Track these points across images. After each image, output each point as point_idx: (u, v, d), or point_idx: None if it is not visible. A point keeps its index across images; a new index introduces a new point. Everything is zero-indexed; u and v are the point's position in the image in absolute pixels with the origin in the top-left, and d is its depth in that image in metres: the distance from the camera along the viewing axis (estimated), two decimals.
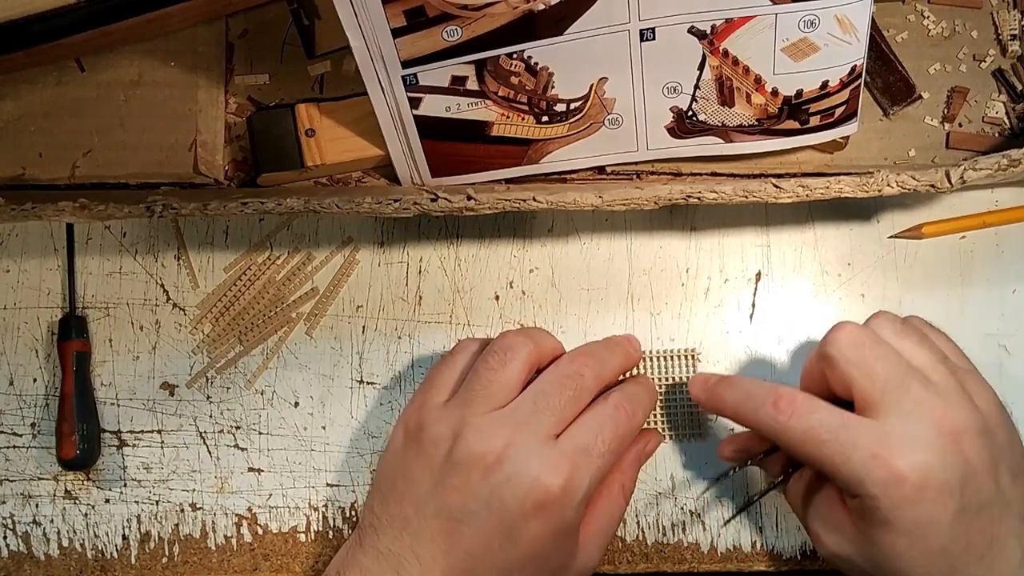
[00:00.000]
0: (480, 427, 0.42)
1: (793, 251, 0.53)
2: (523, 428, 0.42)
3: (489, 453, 0.41)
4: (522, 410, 0.43)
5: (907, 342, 0.43)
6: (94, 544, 0.52)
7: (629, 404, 0.45)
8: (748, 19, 0.45)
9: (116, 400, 0.53)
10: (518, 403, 0.43)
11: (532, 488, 0.41)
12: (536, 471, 0.41)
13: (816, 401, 0.41)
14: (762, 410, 0.42)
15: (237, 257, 0.54)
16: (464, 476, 0.41)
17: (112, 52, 0.54)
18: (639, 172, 0.54)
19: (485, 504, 0.41)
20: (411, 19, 0.44)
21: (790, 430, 0.41)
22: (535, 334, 0.46)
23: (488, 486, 0.41)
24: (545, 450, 0.42)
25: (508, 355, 0.44)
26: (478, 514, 0.41)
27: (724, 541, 0.51)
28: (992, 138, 0.54)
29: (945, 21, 0.54)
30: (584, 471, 0.42)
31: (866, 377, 0.41)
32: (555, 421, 0.43)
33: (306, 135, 0.52)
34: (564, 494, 0.41)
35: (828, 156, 0.53)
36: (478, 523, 0.41)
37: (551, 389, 0.43)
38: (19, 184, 0.53)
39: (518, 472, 0.41)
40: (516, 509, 0.41)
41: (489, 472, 0.41)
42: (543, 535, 0.41)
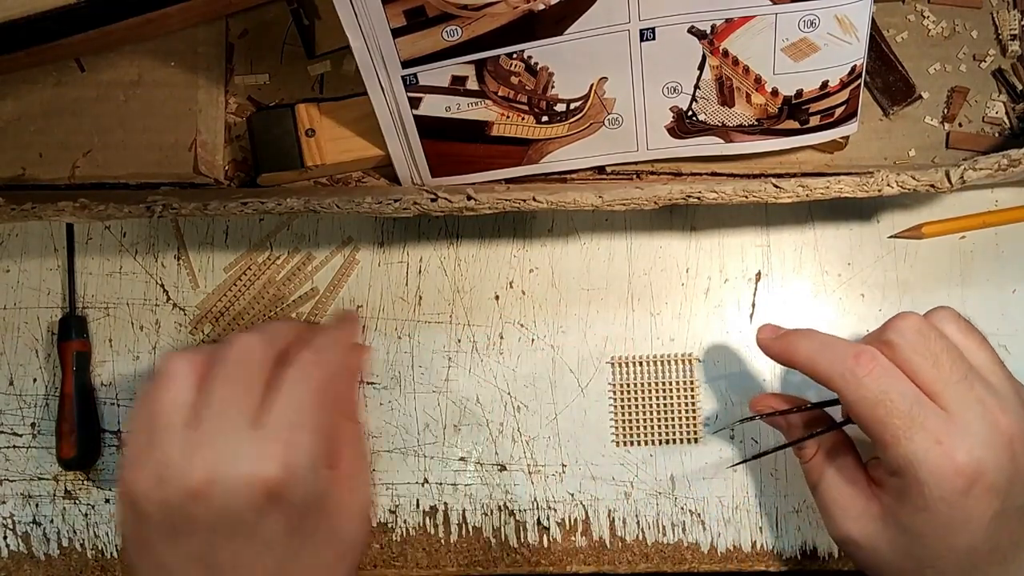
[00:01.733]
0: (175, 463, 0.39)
1: (793, 251, 0.53)
2: (216, 437, 0.39)
3: (196, 481, 0.38)
4: (205, 420, 0.39)
5: (970, 341, 0.43)
6: (94, 544, 0.52)
7: (313, 352, 0.42)
8: (748, 19, 0.45)
9: (116, 400, 0.53)
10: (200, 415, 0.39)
11: (252, 485, 0.38)
12: (248, 469, 0.38)
13: (897, 369, 0.41)
14: (840, 362, 0.41)
15: (237, 257, 0.54)
16: (187, 516, 0.38)
17: (112, 52, 0.54)
18: (639, 172, 0.54)
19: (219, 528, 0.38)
20: (411, 19, 0.44)
21: (864, 388, 0.40)
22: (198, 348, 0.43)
23: (214, 510, 0.38)
24: (248, 442, 0.39)
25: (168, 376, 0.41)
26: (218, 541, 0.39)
27: (724, 541, 0.51)
28: (992, 138, 0.54)
29: (945, 21, 0.54)
30: (299, 441, 0.39)
31: (932, 366, 0.41)
32: (243, 411, 0.39)
33: (306, 135, 0.52)
34: (289, 475, 0.38)
35: (828, 156, 0.53)
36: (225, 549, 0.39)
37: (217, 384, 0.40)
38: (19, 184, 0.53)
39: (232, 479, 0.38)
40: (251, 513, 0.38)
41: (207, 498, 0.38)
42: (293, 524, 0.39)
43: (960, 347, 0.42)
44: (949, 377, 0.40)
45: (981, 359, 0.42)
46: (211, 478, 0.38)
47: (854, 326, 0.53)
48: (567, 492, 0.52)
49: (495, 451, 0.52)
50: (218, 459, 0.38)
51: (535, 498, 0.52)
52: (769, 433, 0.52)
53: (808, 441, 0.46)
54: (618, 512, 0.52)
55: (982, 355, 0.43)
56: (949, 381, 0.40)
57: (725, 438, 0.52)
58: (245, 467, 0.38)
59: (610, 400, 0.52)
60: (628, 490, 0.52)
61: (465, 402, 0.53)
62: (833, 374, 0.41)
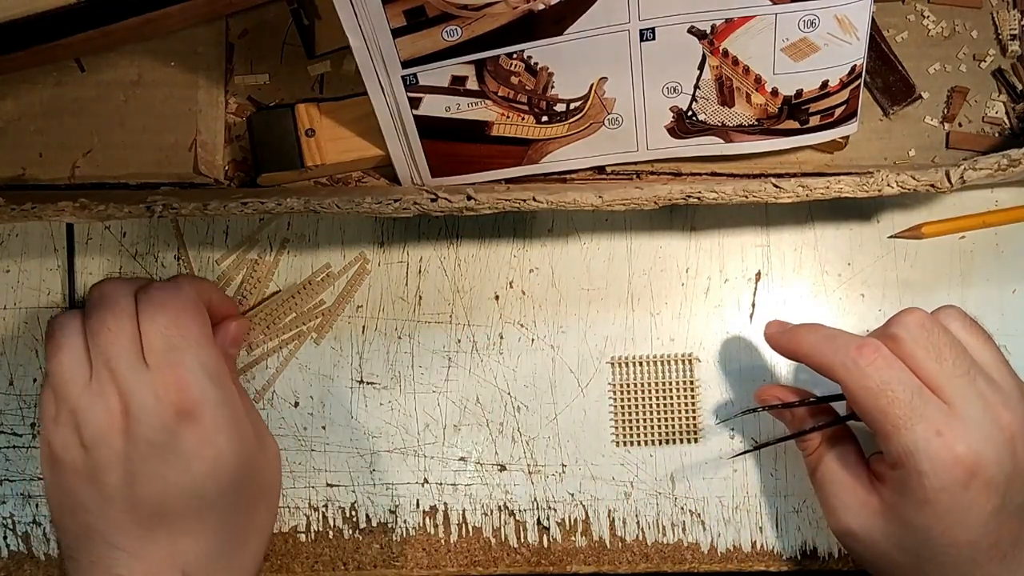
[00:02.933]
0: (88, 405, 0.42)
1: (793, 251, 0.54)
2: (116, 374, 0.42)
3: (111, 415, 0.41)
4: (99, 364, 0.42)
5: (974, 338, 0.43)
6: None
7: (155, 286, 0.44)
8: (748, 19, 0.45)
9: None
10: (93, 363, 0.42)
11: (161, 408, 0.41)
12: (153, 395, 0.41)
13: (899, 360, 0.41)
14: (843, 352, 0.42)
15: (237, 257, 0.54)
16: (108, 450, 0.41)
17: (112, 52, 0.54)
18: (639, 172, 0.54)
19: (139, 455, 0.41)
20: (411, 19, 0.44)
21: (867, 378, 0.41)
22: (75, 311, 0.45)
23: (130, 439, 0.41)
24: (144, 375, 0.42)
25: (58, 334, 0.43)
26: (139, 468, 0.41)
27: (724, 541, 0.51)
28: (992, 138, 0.54)
29: (945, 21, 0.54)
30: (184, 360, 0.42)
31: (935, 360, 0.41)
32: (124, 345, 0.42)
33: (306, 135, 0.52)
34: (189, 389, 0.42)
35: (828, 156, 0.54)
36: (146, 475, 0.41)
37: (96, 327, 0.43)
38: (19, 184, 0.53)
39: (142, 407, 0.41)
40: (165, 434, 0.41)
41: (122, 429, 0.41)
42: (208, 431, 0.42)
43: (964, 344, 0.42)
44: (952, 372, 0.41)
45: (985, 356, 0.43)
46: (122, 409, 0.41)
47: (854, 326, 0.53)
48: (567, 492, 0.52)
49: (495, 451, 0.52)
50: (123, 394, 0.41)
51: (535, 498, 0.52)
52: (770, 431, 0.52)
53: (811, 434, 0.46)
54: (618, 512, 0.52)
55: (986, 352, 0.43)
56: (952, 375, 0.41)
57: (725, 438, 0.52)
58: (149, 396, 0.41)
59: (610, 400, 0.52)
60: (628, 490, 0.52)
61: (465, 402, 0.53)
62: (836, 364, 0.42)
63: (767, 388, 0.48)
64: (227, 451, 0.42)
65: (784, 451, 0.51)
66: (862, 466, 0.44)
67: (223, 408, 0.43)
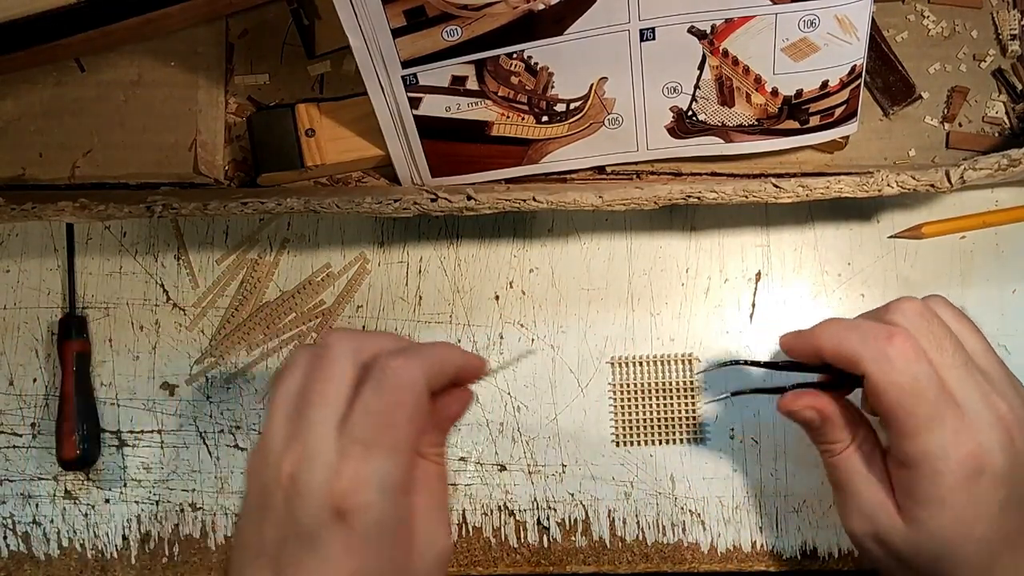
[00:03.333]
0: (274, 449, 0.39)
1: (793, 251, 0.53)
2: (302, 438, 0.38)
3: (283, 475, 0.38)
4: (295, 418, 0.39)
5: (963, 327, 0.42)
6: (94, 544, 0.52)
7: (396, 358, 0.38)
8: (748, 19, 0.45)
9: (116, 400, 0.53)
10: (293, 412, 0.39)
11: (322, 500, 0.37)
12: (321, 479, 0.37)
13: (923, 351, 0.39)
14: (872, 342, 0.39)
15: (237, 257, 0.54)
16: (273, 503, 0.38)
17: (112, 52, 0.54)
18: (639, 172, 0.54)
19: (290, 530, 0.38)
20: (411, 19, 0.44)
21: (898, 372, 0.38)
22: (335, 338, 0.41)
23: (287, 508, 0.38)
24: (327, 454, 0.38)
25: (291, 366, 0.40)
26: (287, 541, 0.38)
27: (724, 541, 0.51)
28: (992, 138, 0.54)
29: (945, 21, 0.54)
30: (369, 462, 0.37)
31: (937, 350, 0.39)
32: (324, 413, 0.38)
33: (306, 135, 0.52)
34: (355, 494, 0.37)
35: (828, 156, 0.53)
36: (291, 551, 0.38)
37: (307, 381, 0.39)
38: (19, 184, 0.53)
39: (308, 489, 0.37)
40: (316, 528, 0.37)
41: (288, 494, 0.38)
42: (353, 543, 0.37)
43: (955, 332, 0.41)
44: (952, 363, 0.39)
45: (975, 345, 0.42)
46: (294, 475, 0.38)
47: None
48: (567, 492, 0.52)
49: (495, 451, 0.52)
50: (303, 458, 0.38)
51: (535, 498, 0.52)
52: (769, 431, 0.52)
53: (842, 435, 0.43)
54: (618, 512, 0.52)
55: (975, 341, 0.42)
56: (952, 367, 0.39)
57: (725, 438, 0.52)
58: (320, 476, 0.37)
59: (610, 400, 0.52)
60: (628, 490, 0.52)
61: None
62: (864, 355, 0.39)
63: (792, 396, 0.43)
64: (374, 559, 0.37)
65: (784, 451, 0.51)
66: (884, 466, 0.42)
67: (383, 526, 0.38)
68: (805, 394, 0.43)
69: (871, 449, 0.43)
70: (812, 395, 0.43)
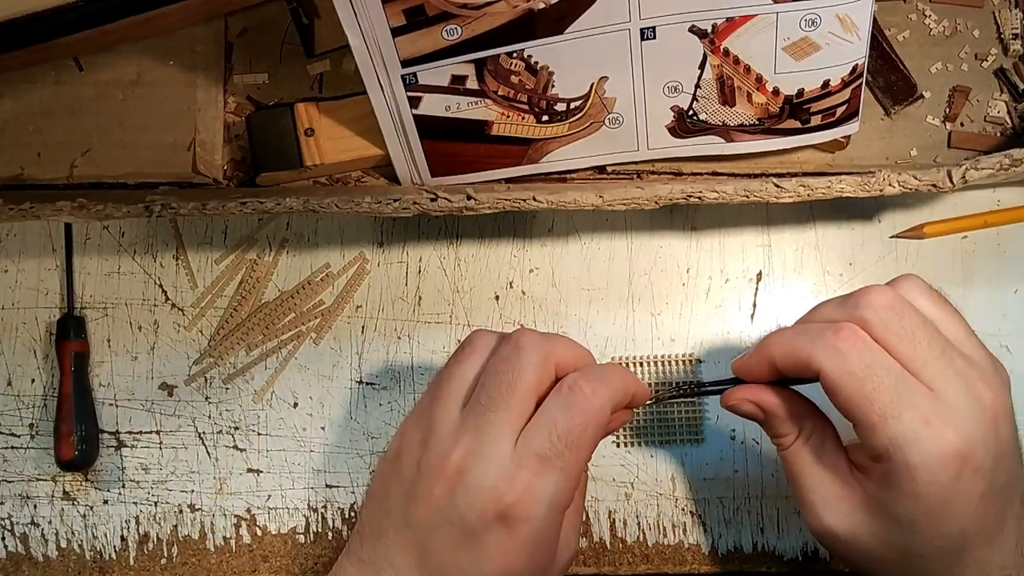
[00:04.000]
0: (441, 436, 0.40)
1: (794, 251, 0.53)
2: (479, 433, 0.39)
3: (449, 465, 0.39)
4: (474, 412, 0.40)
5: (942, 312, 0.40)
6: (92, 545, 0.52)
7: (587, 383, 0.40)
8: (749, 18, 0.45)
9: (114, 401, 0.53)
10: (471, 402, 0.40)
11: (489, 503, 0.38)
12: (492, 483, 0.38)
13: (878, 344, 0.38)
14: (820, 339, 0.38)
15: (236, 257, 0.54)
16: (428, 488, 0.39)
17: (111, 51, 0.54)
18: (639, 172, 0.53)
19: (447, 519, 0.39)
20: (411, 18, 0.44)
21: (849, 363, 0.37)
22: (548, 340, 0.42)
23: (449, 499, 0.39)
24: (502, 459, 0.39)
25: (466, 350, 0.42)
26: (442, 528, 0.39)
27: (725, 542, 0.51)
28: (994, 137, 0.54)
29: (947, 20, 0.54)
30: (543, 477, 0.39)
31: (910, 344, 0.38)
32: (508, 418, 0.39)
33: (305, 134, 0.52)
34: (524, 504, 0.38)
35: (829, 156, 0.53)
36: (443, 537, 0.39)
37: (493, 380, 0.40)
38: (17, 184, 0.53)
39: (476, 485, 0.38)
40: (477, 524, 0.38)
41: (450, 485, 0.39)
42: (509, 549, 0.39)
43: (934, 319, 0.40)
44: (927, 354, 0.38)
45: (955, 331, 0.40)
46: (462, 469, 0.39)
47: None
48: None
49: None
50: (474, 456, 0.39)
51: None
52: None
53: (787, 428, 0.42)
54: (619, 513, 0.51)
55: (956, 326, 0.40)
56: (928, 358, 0.38)
57: (726, 439, 0.52)
58: (491, 478, 0.38)
59: None
60: (628, 491, 0.51)
61: None
62: (815, 352, 0.38)
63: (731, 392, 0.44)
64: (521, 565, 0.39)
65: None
66: (842, 458, 0.41)
67: (541, 537, 0.39)
68: (744, 388, 0.43)
69: (822, 442, 0.42)
70: (751, 389, 0.43)
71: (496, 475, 0.38)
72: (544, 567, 0.41)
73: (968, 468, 0.37)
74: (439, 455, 0.39)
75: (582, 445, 0.39)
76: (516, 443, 0.39)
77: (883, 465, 0.38)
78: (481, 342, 0.42)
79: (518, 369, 0.40)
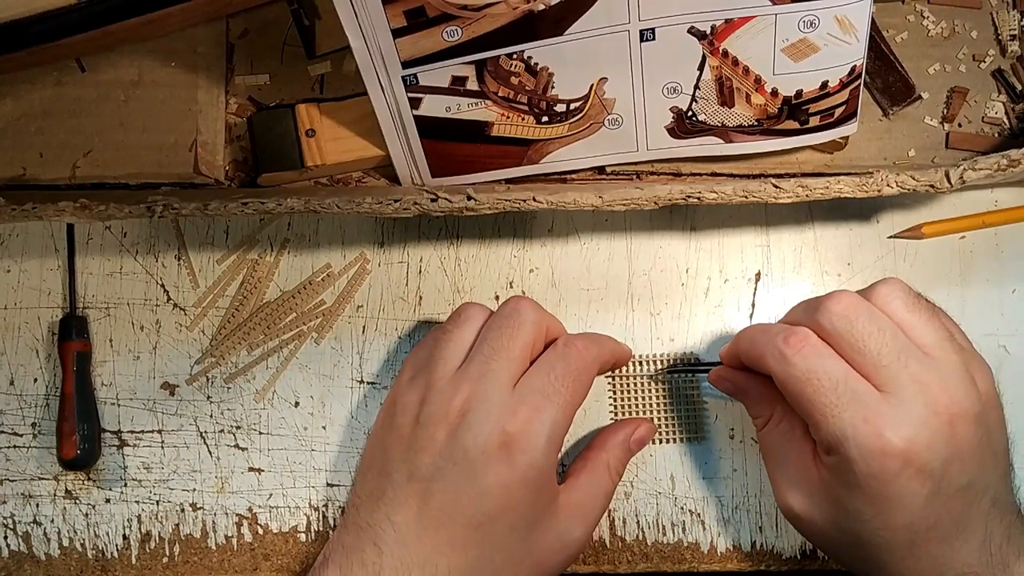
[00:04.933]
0: (441, 388, 0.43)
1: (793, 251, 0.54)
2: (481, 380, 0.43)
3: (451, 409, 0.42)
4: (475, 362, 0.44)
5: (916, 316, 0.42)
6: (95, 544, 0.52)
7: (580, 340, 0.45)
8: (748, 19, 0.46)
9: (116, 400, 0.53)
10: (471, 356, 0.44)
11: (492, 432, 0.42)
12: (495, 417, 0.42)
13: (827, 348, 0.41)
14: (771, 342, 0.42)
15: (237, 257, 0.54)
16: (430, 435, 0.43)
17: (112, 52, 0.54)
18: (639, 172, 0.54)
19: (451, 457, 0.42)
20: (411, 19, 0.44)
21: (793, 367, 0.41)
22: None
23: (452, 440, 0.42)
24: (503, 397, 0.42)
25: (462, 318, 0.46)
26: (445, 469, 0.42)
27: (724, 541, 0.51)
28: (992, 138, 0.54)
29: (945, 21, 0.55)
30: (543, 411, 0.42)
31: (857, 351, 0.41)
32: (507, 366, 0.43)
33: (306, 135, 0.52)
34: (526, 435, 0.42)
35: (828, 156, 0.54)
36: (446, 479, 0.42)
37: (493, 334, 0.44)
38: (20, 184, 0.53)
39: (479, 420, 0.42)
40: (480, 457, 0.41)
41: (452, 427, 0.42)
42: (510, 481, 0.42)
43: (904, 324, 0.41)
44: (878, 360, 0.40)
45: (929, 335, 0.42)
46: (464, 411, 0.42)
47: None
48: None
49: None
50: (474, 399, 0.42)
51: None
52: None
53: (760, 409, 0.46)
54: (618, 512, 0.52)
55: (927, 330, 0.42)
56: (878, 365, 0.40)
57: (725, 438, 0.52)
58: (494, 414, 0.42)
59: (610, 400, 0.52)
60: (628, 490, 0.52)
61: None
62: (766, 354, 0.42)
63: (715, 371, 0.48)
64: (519, 504, 0.42)
65: None
66: (808, 444, 0.43)
67: (539, 473, 0.42)
68: (725, 368, 0.48)
69: (791, 427, 0.45)
70: (731, 370, 0.48)
71: (499, 411, 0.42)
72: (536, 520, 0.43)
73: (911, 468, 0.39)
74: (440, 404, 0.43)
75: (575, 387, 0.44)
76: (515, 388, 0.43)
77: (832, 457, 0.41)
78: (475, 311, 0.46)
79: (519, 324, 0.44)
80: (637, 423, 0.49)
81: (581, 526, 0.45)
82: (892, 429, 0.39)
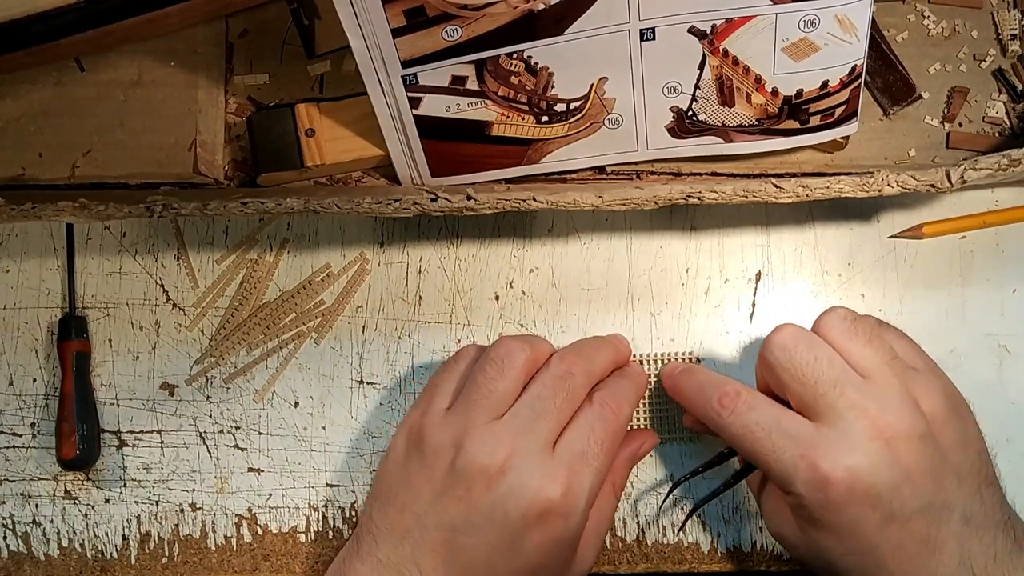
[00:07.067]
0: (481, 438, 0.42)
1: (793, 251, 0.53)
2: (523, 437, 0.42)
3: (491, 465, 0.41)
4: (520, 417, 0.43)
5: (854, 342, 0.42)
6: (94, 544, 0.52)
7: (613, 400, 0.45)
8: (748, 19, 0.45)
9: (116, 400, 0.53)
10: (515, 410, 0.43)
11: (535, 499, 0.41)
12: (537, 482, 0.41)
13: (759, 398, 0.43)
14: (706, 404, 0.43)
15: (237, 257, 0.54)
16: (467, 488, 0.41)
17: (112, 52, 0.54)
18: (639, 172, 0.54)
19: (487, 516, 0.41)
20: (411, 19, 0.44)
21: (729, 426, 0.42)
22: (531, 340, 0.46)
23: (491, 498, 0.41)
24: (545, 460, 0.42)
25: (506, 363, 0.44)
26: (481, 526, 0.41)
27: (724, 541, 0.51)
28: (992, 138, 0.54)
29: (945, 21, 0.54)
30: (583, 477, 0.42)
31: (796, 381, 0.42)
32: (552, 427, 0.43)
33: (306, 135, 0.52)
34: (565, 503, 0.41)
35: (828, 156, 0.53)
36: (480, 535, 0.41)
37: (546, 393, 0.43)
38: (19, 184, 0.53)
39: (521, 484, 0.41)
40: (519, 521, 0.41)
41: (492, 484, 0.41)
42: (545, 545, 0.42)
43: (843, 350, 0.42)
44: (815, 389, 0.41)
45: (867, 360, 0.42)
46: (504, 469, 0.41)
47: None
48: None
49: None
50: (516, 456, 0.41)
51: None
52: None
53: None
54: (618, 512, 0.51)
55: (865, 354, 0.42)
56: (816, 393, 0.41)
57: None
58: (537, 478, 0.41)
59: None
60: (628, 490, 0.52)
61: None
62: (705, 417, 0.44)
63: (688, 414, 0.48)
64: (552, 561, 0.43)
65: None
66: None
67: (575, 534, 0.43)
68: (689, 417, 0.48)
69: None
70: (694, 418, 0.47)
71: (540, 475, 0.41)
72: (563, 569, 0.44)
73: (856, 495, 0.39)
74: (479, 456, 0.41)
75: (612, 450, 0.44)
76: (555, 447, 0.42)
77: (788, 496, 0.42)
78: (518, 357, 0.44)
79: (569, 387, 0.44)
80: (641, 439, 0.49)
81: (594, 549, 0.46)
82: (828, 460, 0.39)
